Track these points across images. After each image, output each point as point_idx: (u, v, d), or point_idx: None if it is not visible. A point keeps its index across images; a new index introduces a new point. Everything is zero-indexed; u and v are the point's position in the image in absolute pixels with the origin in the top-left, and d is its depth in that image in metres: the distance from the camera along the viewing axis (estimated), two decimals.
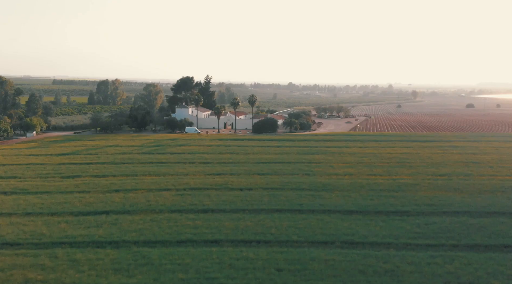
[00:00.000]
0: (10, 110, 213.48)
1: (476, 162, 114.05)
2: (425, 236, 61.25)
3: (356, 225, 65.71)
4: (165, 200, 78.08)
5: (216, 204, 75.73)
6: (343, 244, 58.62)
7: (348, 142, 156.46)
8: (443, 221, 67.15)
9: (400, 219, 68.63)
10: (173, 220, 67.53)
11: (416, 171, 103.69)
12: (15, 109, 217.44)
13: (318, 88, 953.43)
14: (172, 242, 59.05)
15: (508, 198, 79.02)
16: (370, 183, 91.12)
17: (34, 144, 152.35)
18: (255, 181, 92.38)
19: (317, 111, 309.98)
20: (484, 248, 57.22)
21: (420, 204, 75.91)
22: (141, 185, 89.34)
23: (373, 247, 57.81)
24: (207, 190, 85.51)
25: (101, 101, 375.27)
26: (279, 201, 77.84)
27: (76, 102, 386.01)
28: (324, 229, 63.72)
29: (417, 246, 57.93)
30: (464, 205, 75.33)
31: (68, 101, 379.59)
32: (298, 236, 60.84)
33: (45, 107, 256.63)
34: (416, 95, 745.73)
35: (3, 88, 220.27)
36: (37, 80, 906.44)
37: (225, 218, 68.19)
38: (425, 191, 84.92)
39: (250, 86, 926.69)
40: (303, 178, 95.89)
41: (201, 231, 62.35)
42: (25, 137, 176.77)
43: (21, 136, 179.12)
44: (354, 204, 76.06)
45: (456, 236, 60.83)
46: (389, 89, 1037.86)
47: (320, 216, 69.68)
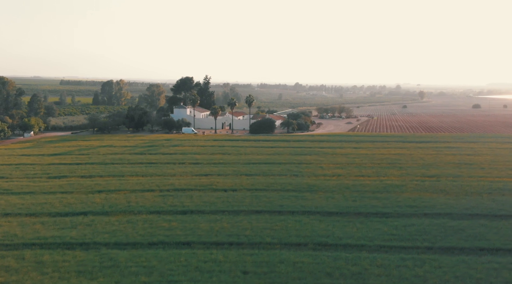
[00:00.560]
0: (12, 111, 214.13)
1: (468, 163, 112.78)
2: (401, 238, 60.35)
3: (333, 226, 64.89)
4: (145, 201, 77.54)
5: (197, 205, 75.11)
6: (316, 246, 57.82)
7: (343, 142, 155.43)
8: (422, 223, 66.19)
9: (379, 220, 67.75)
10: (149, 221, 66.91)
11: (405, 172, 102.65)
12: (17, 110, 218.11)
13: (324, 89, 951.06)
14: (143, 244, 58.44)
15: (493, 200, 77.88)
16: (356, 184, 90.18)
17: (29, 144, 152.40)
18: (241, 182, 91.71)
19: (318, 112, 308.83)
20: (459, 251, 56.25)
21: (402, 206, 74.95)
22: (125, 186, 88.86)
23: (346, 249, 56.99)
24: (190, 191, 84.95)
25: (106, 101, 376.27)
26: (261, 202, 77.13)
27: (81, 102, 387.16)
28: (300, 230, 62.93)
29: (390, 248, 57.05)
30: (447, 206, 74.36)
31: (73, 102, 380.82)
32: (272, 237, 60.07)
33: (47, 107, 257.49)
34: (423, 95, 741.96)
35: (4, 88, 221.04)
36: (45, 80, 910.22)
37: (202, 220, 67.53)
38: (411, 192, 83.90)
39: (257, 86, 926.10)
40: (290, 179, 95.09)
41: (174, 233, 61.70)
42: (22, 137, 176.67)
43: (19, 136, 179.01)
44: (336, 205, 75.24)
45: (432, 238, 59.88)
46: (397, 89, 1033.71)
47: (299, 218, 68.90)
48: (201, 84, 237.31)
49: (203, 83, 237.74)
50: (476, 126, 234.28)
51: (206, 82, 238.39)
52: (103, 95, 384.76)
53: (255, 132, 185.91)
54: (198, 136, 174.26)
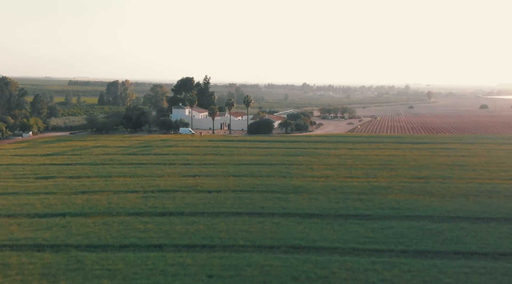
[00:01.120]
0: (14, 111, 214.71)
1: (461, 165, 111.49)
2: (376, 240, 59.46)
3: (310, 229, 64.10)
4: (126, 203, 77.04)
5: (177, 207, 74.51)
6: (288, 248, 57.02)
7: (339, 143, 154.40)
8: (401, 225, 65.25)
9: (358, 223, 66.87)
10: (125, 223, 66.37)
11: (395, 173, 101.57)
12: (20, 110, 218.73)
13: (332, 89, 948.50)
14: (114, 246, 57.85)
15: (478, 203, 76.73)
16: (343, 186, 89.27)
17: (24, 144, 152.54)
18: (227, 183, 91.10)
19: (321, 112, 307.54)
20: (433, 255, 55.29)
21: (385, 208, 73.99)
22: (110, 187, 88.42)
23: (318, 252, 56.18)
24: (174, 192, 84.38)
25: (111, 102, 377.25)
26: (242, 203, 76.47)
27: (86, 103, 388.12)
28: (276, 233, 62.17)
29: (363, 251, 56.16)
30: (429, 209, 73.36)
31: (79, 102, 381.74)
32: (245, 240, 59.35)
33: (51, 107, 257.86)
34: (431, 96, 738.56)
35: (7, 88, 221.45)
36: (55, 81, 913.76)
37: (179, 222, 66.89)
38: (396, 194, 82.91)
39: (264, 87, 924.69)
40: (277, 180, 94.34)
41: (148, 235, 61.07)
42: (21, 137, 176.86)
43: (18, 136, 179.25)
44: (317, 207, 74.41)
45: (408, 242, 58.94)
46: (405, 90, 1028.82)
47: (278, 220, 68.14)
48: (201, 84, 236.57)
49: (203, 83, 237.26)
50: (479, 127, 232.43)
51: (206, 82, 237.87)
52: (108, 95, 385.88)
53: (253, 132, 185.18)
54: (195, 137, 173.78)
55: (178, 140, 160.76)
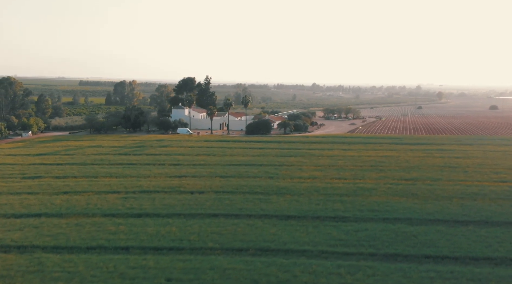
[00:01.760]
0: (18, 111, 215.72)
1: (453, 166, 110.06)
2: (348, 243, 58.49)
3: (283, 231, 63.24)
4: (105, 203, 76.54)
5: (154, 208, 73.88)
6: (257, 251, 56.19)
7: (335, 144, 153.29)
8: (376, 228, 64.25)
9: (334, 225, 65.96)
10: (98, 224, 65.82)
11: (384, 174, 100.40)
12: (24, 110, 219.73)
13: (342, 89, 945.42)
14: (81, 248, 57.30)
15: (461, 205, 75.50)
16: (328, 187, 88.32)
17: (21, 144, 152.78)
18: (211, 184, 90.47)
19: (324, 113, 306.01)
20: (402, 258, 54.28)
21: (364, 210, 72.99)
22: (93, 187, 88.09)
23: (286, 254, 55.31)
24: (156, 193, 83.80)
25: (118, 102, 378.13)
26: (221, 205, 75.75)
27: (94, 103, 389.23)
28: (247, 235, 61.37)
29: (332, 254, 55.26)
30: (409, 211, 72.26)
31: (86, 102, 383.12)
32: (215, 242, 58.59)
33: (55, 107, 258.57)
34: (441, 96, 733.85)
35: (11, 88, 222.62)
36: (67, 81, 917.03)
37: (153, 223, 66.25)
38: (379, 196, 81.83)
39: (273, 87, 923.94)
40: (263, 181, 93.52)
41: (117, 237, 60.46)
42: (20, 137, 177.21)
43: (18, 136, 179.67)
44: (296, 209, 73.53)
45: (379, 245, 57.93)
46: (417, 90, 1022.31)
47: (253, 221, 67.35)
48: (202, 84, 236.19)
49: (204, 83, 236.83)
50: (483, 128, 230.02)
51: (207, 82, 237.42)
52: (115, 95, 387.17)
53: (251, 133, 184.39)
54: (192, 137, 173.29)
55: (173, 141, 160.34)
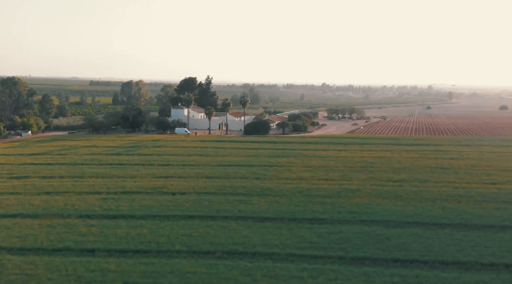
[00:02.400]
0: (22, 110, 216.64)
1: (444, 168, 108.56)
2: (318, 246, 57.51)
3: (256, 233, 62.34)
4: (83, 204, 75.98)
5: (131, 210, 73.21)
6: (224, 254, 55.27)
7: (330, 144, 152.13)
8: (350, 230, 63.20)
9: (309, 227, 65.01)
10: (70, 226, 65.25)
11: (373, 176, 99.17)
12: (28, 110, 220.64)
13: (352, 89, 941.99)
14: (47, 250, 56.63)
15: (443, 207, 74.26)
16: (312, 188, 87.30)
17: (17, 143, 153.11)
18: (196, 185, 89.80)
19: (328, 113, 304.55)
20: (370, 262, 53.24)
21: (343, 212, 71.94)
22: (76, 188, 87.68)
23: (253, 257, 54.40)
24: (137, 194, 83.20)
25: (125, 102, 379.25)
26: (200, 206, 75.00)
27: (101, 102, 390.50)
28: (218, 237, 60.49)
29: (299, 258, 54.27)
30: (389, 213, 71.16)
31: (93, 102, 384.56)
32: (183, 245, 57.76)
33: (60, 107, 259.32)
34: (452, 96, 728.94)
35: (15, 88, 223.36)
36: (80, 81, 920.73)
37: (125, 225, 65.56)
38: (362, 197, 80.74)
39: (282, 87, 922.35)
40: (248, 182, 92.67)
41: (86, 239, 59.80)
42: (20, 136, 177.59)
43: (17, 136, 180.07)
44: (275, 211, 72.59)
45: (350, 248, 56.86)
46: (428, 90, 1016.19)
47: (228, 223, 66.52)
48: (203, 84, 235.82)
49: (205, 83, 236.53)
50: (487, 128, 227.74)
51: (208, 82, 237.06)
52: (122, 95, 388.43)
53: (249, 133, 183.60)
54: (188, 137, 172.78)
55: (169, 141, 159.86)
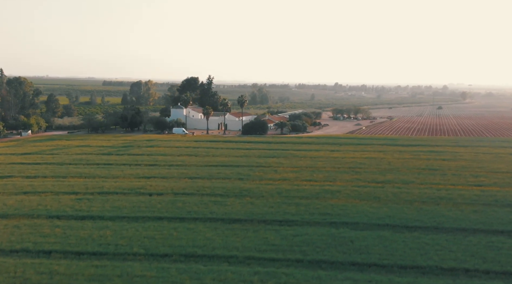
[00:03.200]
0: (28, 110, 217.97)
1: (433, 169, 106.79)
2: (279, 249, 56.44)
3: (220, 235, 61.41)
4: (56, 205, 75.51)
5: (102, 211, 72.59)
6: (181, 257, 54.40)
7: (326, 145, 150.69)
8: (317, 232, 62.11)
9: (276, 229, 63.95)
10: (35, 226, 64.81)
11: (358, 177, 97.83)
12: (33, 109, 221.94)
13: (365, 89, 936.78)
14: (4, 250, 56.26)
15: (419, 209, 72.78)
16: (292, 189, 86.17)
17: (14, 143, 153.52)
18: (175, 186, 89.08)
19: (333, 113, 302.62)
20: (327, 265, 52.19)
21: (316, 213, 70.77)
22: (55, 188, 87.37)
23: (209, 260, 53.57)
24: (113, 195, 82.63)
25: (134, 101, 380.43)
26: (172, 207, 74.22)
27: (110, 102, 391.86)
28: (180, 240, 59.64)
29: (257, 260, 53.37)
30: (361, 215, 69.96)
31: (103, 102, 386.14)
32: (142, 247, 56.96)
33: (66, 107, 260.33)
34: (465, 96, 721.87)
35: (21, 88, 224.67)
36: (94, 81, 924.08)
37: (91, 226, 64.87)
38: (340, 199, 79.48)
39: (294, 87, 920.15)
40: (230, 183, 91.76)
41: (46, 240, 59.23)
42: (20, 136, 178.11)
43: (17, 135, 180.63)
44: (247, 212, 71.62)
45: (310, 250, 55.77)
46: (443, 90, 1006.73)
47: (195, 225, 65.70)
48: (205, 84, 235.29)
49: (206, 83, 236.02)
50: (492, 129, 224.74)
51: (209, 82, 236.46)
52: (131, 95, 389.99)
53: (247, 133, 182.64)
54: (185, 137, 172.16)
55: (163, 141, 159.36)
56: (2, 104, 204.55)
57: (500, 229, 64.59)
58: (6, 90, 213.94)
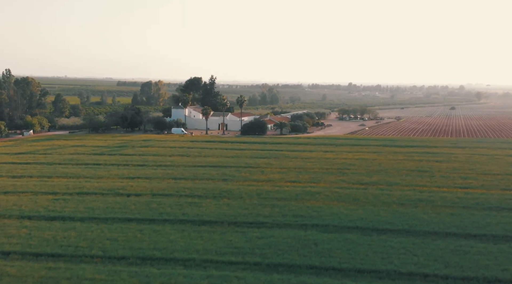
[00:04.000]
0: (35, 110, 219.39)
1: (423, 170, 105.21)
2: (240, 251, 55.58)
3: (185, 237, 60.71)
4: (30, 205, 75.25)
5: (74, 211, 72.12)
6: (138, 260, 53.67)
7: (322, 145, 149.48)
8: (283, 234, 61.23)
9: (243, 231, 63.20)
10: (4, 227, 64.50)
11: (343, 178, 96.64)
12: (40, 109, 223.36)
13: (379, 89, 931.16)
14: None
15: (395, 212, 71.55)
16: (273, 191, 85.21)
17: (12, 142, 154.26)
18: (156, 186, 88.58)
19: (339, 113, 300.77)
20: (284, 269, 51.31)
21: (289, 215, 69.80)
22: (37, 188, 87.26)
23: (167, 263, 52.84)
24: (92, 195, 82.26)
25: (144, 102, 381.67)
26: (145, 209, 73.61)
27: (121, 103, 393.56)
28: (143, 242, 58.90)
29: (214, 264, 52.53)
30: (334, 217, 68.93)
31: (113, 102, 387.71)
32: (101, 250, 56.28)
33: (74, 107, 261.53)
34: (480, 97, 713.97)
35: (28, 88, 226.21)
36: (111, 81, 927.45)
37: (58, 227, 64.40)
38: (318, 200, 78.42)
39: (307, 87, 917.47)
40: (212, 184, 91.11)
41: (8, 241, 58.74)
42: (21, 136, 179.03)
43: (19, 135, 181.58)
44: (220, 214, 70.79)
45: (271, 253, 54.88)
46: (459, 90, 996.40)
47: (162, 227, 65.03)
48: (207, 84, 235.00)
49: (208, 83, 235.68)
50: (499, 130, 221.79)
51: (212, 82, 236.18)
52: (142, 95, 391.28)
53: (246, 133, 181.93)
54: (182, 137, 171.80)
55: (160, 141, 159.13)
56: (9, 104, 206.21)
57: (473, 232, 63.08)
58: (14, 90, 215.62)
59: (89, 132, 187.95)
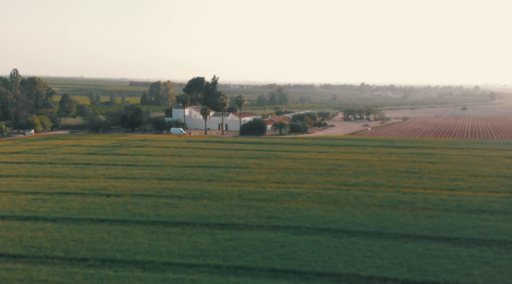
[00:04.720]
0: (41, 110, 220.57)
1: (414, 172, 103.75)
2: (204, 254, 54.89)
3: (152, 239, 60.06)
4: (8, 205, 75.18)
5: (49, 212, 71.82)
6: (97, 262, 53.10)
7: (318, 146, 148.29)
8: (251, 236, 60.47)
9: (212, 233, 62.39)
10: None
11: (330, 179, 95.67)
12: (46, 109, 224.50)
13: (392, 89, 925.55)
14: None
15: (372, 214, 70.48)
16: (255, 192, 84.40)
17: (10, 142, 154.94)
18: (139, 187, 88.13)
19: (344, 114, 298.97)
20: (243, 271, 50.57)
21: (264, 216, 69.02)
22: (20, 187, 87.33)
23: (125, 265, 52.25)
24: (71, 195, 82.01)
25: (153, 102, 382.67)
26: (120, 209, 73.14)
27: (130, 103, 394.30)
28: (108, 243, 58.34)
29: (174, 266, 51.89)
30: (308, 219, 68.05)
31: (123, 102, 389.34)
32: (63, 251, 55.80)
33: (80, 107, 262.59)
34: (494, 97, 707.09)
35: (35, 88, 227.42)
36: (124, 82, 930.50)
37: (28, 228, 64.10)
38: (298, 201, 77.62)
39: (319, 87, 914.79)
40: (196, 184, 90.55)
41: None
42: (23, 135, 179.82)
43: (21, 134, 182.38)
44: (194, 215, 70.12)
45: (234, 256, 54.23)
46: (474, 90, 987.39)
47: (132, 229, 64.49)
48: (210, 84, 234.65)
49: (210, 83, 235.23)
50: (505, 131, 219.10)
51: (214, 82, 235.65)
52: (151, 95, 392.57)
53: (245, 133, 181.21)
54: (180, 137, 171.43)
55: (157, 141, 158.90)
56: (16, 104, 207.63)
57: (446, 236, 61.82)
58: (20, 90, 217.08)
59: (90, 132, 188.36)
